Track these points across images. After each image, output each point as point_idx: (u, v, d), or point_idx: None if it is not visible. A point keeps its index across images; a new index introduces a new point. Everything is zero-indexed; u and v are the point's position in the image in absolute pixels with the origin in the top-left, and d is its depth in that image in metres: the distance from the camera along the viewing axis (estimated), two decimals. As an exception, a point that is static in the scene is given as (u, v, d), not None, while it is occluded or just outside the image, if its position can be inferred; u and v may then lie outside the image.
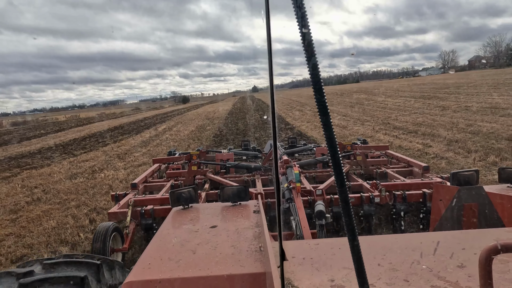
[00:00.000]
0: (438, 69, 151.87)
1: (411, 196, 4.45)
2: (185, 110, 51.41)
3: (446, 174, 5.32)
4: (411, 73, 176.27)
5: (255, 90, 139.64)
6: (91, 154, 14.75)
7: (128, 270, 1.74)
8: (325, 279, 1.36)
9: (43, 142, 22.64)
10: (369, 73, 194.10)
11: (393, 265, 1.46)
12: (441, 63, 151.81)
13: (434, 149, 9.99)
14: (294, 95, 61.87)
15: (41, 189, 8.96)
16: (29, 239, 5.56)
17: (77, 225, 6.04)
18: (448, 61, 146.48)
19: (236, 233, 1.91)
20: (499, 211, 2.42)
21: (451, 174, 2.80)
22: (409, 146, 10.74)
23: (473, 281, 1.30)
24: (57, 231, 5.82)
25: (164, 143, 15.91)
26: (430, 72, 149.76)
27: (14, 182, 10.24)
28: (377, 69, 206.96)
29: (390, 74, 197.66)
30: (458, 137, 11.53)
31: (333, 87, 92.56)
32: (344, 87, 78.91)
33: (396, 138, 12.40)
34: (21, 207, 7.51)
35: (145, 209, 4.31)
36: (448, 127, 13.79)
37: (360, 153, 6.58)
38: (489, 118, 15.31)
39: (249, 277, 1.45)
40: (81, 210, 6.80)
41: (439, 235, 1.97)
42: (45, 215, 6.74)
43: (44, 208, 7.23)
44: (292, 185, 3.95)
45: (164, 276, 1.45)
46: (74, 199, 7.66)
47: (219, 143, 14.71)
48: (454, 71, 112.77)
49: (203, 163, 6.71)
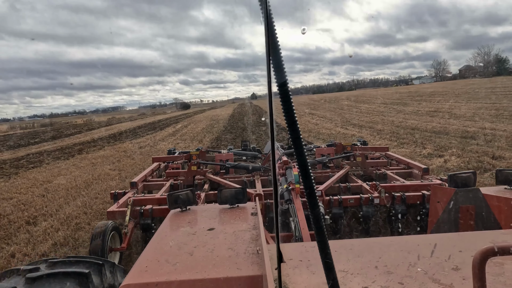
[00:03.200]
0: (431, 78, 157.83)
1: (410, 198, 4.45)
2: (191, 114, 57.61)
3: (446, 176, 5.32)
4: (405, 82, 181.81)
5: (254, 97, 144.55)
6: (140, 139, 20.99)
7: (126, 272, 1.78)
8: (321, 282, 1.37)
9: (99, 133, 29.00)
10: (366, 81, 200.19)
11: (389, 268, 1.47)
12: (434, 72, 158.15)
13: (361, 134, 15.95)
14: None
15: (128, 153, 15.12)
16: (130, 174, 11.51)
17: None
18: (440, 70, 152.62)
19: (234, 236, 1.92)
20: (495, 213, 2.42)
21: (448, 176, 2.80)
22: (348, 133, 16.70)
23: (467, 283, 1.31)
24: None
25: (187, 134, 22.22)
26: (423, 80, 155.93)
27: (107, 151, 16.24)
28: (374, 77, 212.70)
29: (387, 82, 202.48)
30: (385, 128, 17.48)
31: (325, 95, 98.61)
32: (336, 95, 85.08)
33: (345, 129, 18.37)
34: (118, 159, 13.46)
35: (144, 208, 4.31)
36: (385, 123, 19.76)
37: (359, 154, 6.61)
38: (422, 118, 21.32)
39: (246, 280, 1.46)
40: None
41: (435, 237, 2.00)
42: (136, 165, 12.68)
43: (132, 161, 13.17)
44: (291, 186, 3.95)
45: (161, 279, 1.46)
46: (147, 154, 13.63)
47: (226, 134, 20.72)
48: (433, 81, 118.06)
49: (203, 163, 6.74)
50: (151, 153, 14.29)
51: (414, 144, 12.35)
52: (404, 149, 11.50)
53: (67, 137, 31.00)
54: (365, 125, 19.94)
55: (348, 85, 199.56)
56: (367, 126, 19.02)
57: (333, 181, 5.18)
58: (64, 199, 8.11)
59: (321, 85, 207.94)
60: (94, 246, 3.70)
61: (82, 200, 7.79)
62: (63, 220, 6.52)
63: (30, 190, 9.26)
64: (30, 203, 7.90)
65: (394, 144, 12.50)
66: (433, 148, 11.31)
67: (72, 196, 8.27)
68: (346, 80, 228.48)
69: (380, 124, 19.79)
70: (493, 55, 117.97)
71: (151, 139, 20.86)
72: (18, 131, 45.62)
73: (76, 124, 61.86)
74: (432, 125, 17.41)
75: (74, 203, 7.67)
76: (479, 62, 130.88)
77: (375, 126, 18.81)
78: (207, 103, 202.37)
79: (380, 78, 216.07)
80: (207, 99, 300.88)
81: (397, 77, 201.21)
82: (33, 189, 9.36)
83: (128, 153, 15.43)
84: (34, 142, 25.78)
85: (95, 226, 3.94)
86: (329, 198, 4.37)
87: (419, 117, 22.05)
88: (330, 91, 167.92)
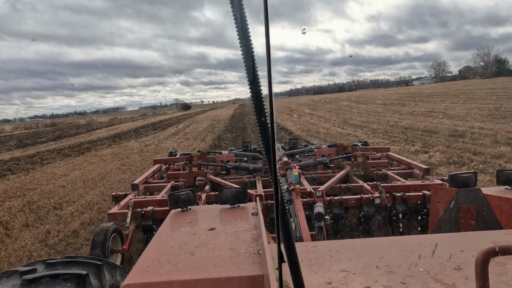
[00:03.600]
0: (431, 79, 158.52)
1: (411, 198, 4.46)
2: (193, 115, 58.49)
3: (447, 176, 5.21)
4: (406, 82, 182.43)
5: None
6: (145, 138, 21.86)
7: (127, 272, 1.76)
8: (322, 282, 1.39)
9: (103, 133, 29.75)
10: (366, 82, 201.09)
11: (391, 268, 1.47)
12: (433, 73, 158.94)
13: (357, 133, 16.77)
14: (287, 102, 69.00)
15: (135, 151, 15.90)
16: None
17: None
18: (439, 71, 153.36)
19: (235, 236, 1.93)
20: (496, 213, 2.43)
21: (449, 176, 2.81)
22: (344, 132, 17.51)
23: (470, 283, 1.32)
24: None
25: (189, 133, 23.03)
26: (423, 81, 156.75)
27: (114, 148, 17.08)
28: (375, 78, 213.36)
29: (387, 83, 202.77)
30: (380, 128, 18.30)
31: (325, 95, 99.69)
32: (336, 96, 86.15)
33: (342, 129, 19.19)
34: (127, 156, 14.30)
35: (145, 210, 4.31)
36: (381, 123, 20.57)
37: (360, 155, 6.63)
38: (417, 118, 22.11)
39: (247, 280, 1.47)
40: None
41: (437, 237, 2.01)
42: (144, 161, 13.51)
43: (140, 157, 14.01)
44: (291, 186, 3.94)
45: (162, 279, 1.47)
46: (154, 152, 14.47)
47: (227, 133, 21.55)
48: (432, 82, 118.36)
49: (204, 164, 6.76)
50: (157, 150, 15.22)
51: (404, 142, 13.17)
52: (394, 146, 12.31)
53: (72, 136, 31.92)
54: (361, 124, 20.75)
55: (349, 86, 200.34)
56: (363, 126, 19.84)
57: (334, 181, 5.27)
58: (83, 189, 8.90)
59: (321, 86, 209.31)
60: (95, 248, 3.71)
61: (99, 190, 8.60)
62: (85, 205, 7.27)
63: (51, 182, 10.11)
64: (53, 193, 8.73)
65: (386, 142, 13.31)
66: (421, 145, 12.13)
67: (90, 187, 9.10)
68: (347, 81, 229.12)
69: (376, 123, 20.61)
70: (492, 56, 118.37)
71: (155, 138, 21.73)
72: (23, 131, 46.62)
73: (79, 124, 62.88)
74: (424, 124, 18.22)
75: (93, 192, 8.48)
76: (480, 63, 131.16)
77: (371, 126, 19.62)
78: (208, 104, 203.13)
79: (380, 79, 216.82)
80: (207, 100, 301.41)
81: (397, 78, 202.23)
82: (53, 181, 10.22)
83: (135, 150, 16.32)
84: (41, 142, 26.72)
85: (96, 228, 3.97)
86: (330, 199, 4.37)
87: (414, 117, 22.85)
88: (330, 91, 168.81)
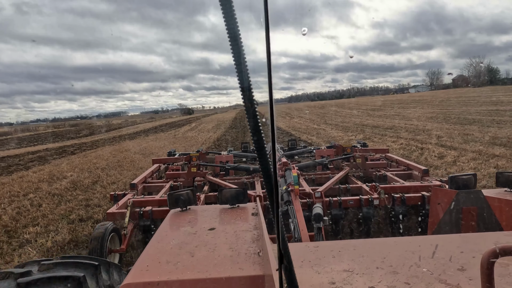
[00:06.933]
0: (427, 86, 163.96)
1: (410, 199, 4.47)
2: (200, 117, 65.23)
3: (446, 177, 5.23)
4: (403, 90, 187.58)
5: (256, 104, 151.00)
6: (172, 131, 27.99)
7: (126, 272, 1.73)
8: (326, 281, 1.39)
9: (128, 130, 36.08)
10: (366, 89, 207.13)
11: (394, 268, 1.47)
12: (429, 81, 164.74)
13: (327, 129, 22.79)
14: (286, 108, 75.47)
15: (171, 137, 22.02)
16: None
17: (193, 143, 18.86)
18: (434, 79, 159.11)
19: (235, 236, 1.93)
20: (497, 215, 2.44)
21: (449, 178, 2.82)
22: (318, 128, 23.56)
23: (474, 284, 1.32)
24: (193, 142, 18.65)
25: (203, 129, 29.66)
26: (418, 89, 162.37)
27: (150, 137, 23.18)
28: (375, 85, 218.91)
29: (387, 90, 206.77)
30: (349, 126, 24.29)
31: (322, 102, 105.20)
32: (330, 102, 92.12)
33: (318, 126, 25.26)
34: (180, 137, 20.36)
35: (144, 210, 4.33)
36: (349, 123, 26.61)
37: (359, 156, 6.66)
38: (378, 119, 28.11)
39: (247, 280, 1.47)
40: (188, 142, 19.66)
41: (438, 238, 2.01)
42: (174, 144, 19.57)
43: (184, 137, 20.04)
44: (290, 187, 3.96)
45: (162, 279, 1.47)
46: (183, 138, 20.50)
47: (231, 129, 27.66)
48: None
49: (203, 164, 6.78)
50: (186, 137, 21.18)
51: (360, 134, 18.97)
52: (343, 134, 18.29)
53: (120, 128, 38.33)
54: (335, 123, 26.77)
55: (348, 92, 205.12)
56: (334, 124, 25.88)
57: (333, 182, 5.33)
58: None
59: (322, 92, 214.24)
60: (93, 247, 3.74)
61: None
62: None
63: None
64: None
65: (340, 133, 19.29)
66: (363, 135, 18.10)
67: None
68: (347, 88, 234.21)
69: (346, 123, 26.65)
70: (484, 65, 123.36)
71: (178, 132, 27.95)
72: (43, 131, 52.78)
73: (97, 125, 69.36)
74: (378, 123, 24.24)
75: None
76: (471, 72, 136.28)
77: (340, 124, 25.63)
78: (209, 109, 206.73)
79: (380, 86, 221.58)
80: (208, 106, 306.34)
81: (397, 85, 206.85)
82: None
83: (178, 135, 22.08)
84: (69, 137, 32.84)
85: (95, 228, 4.02)
86: (329, 199, 4.42)
87: (377, 118, 28.72)
88: (330, 98, 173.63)
